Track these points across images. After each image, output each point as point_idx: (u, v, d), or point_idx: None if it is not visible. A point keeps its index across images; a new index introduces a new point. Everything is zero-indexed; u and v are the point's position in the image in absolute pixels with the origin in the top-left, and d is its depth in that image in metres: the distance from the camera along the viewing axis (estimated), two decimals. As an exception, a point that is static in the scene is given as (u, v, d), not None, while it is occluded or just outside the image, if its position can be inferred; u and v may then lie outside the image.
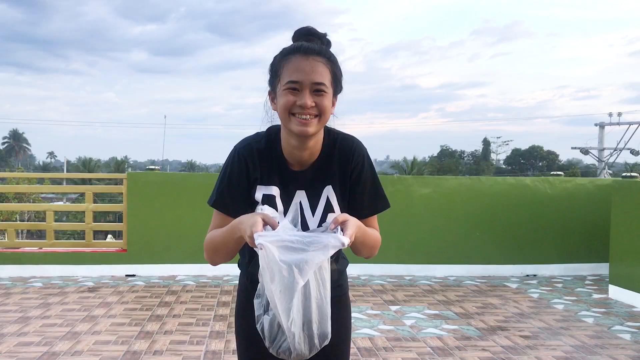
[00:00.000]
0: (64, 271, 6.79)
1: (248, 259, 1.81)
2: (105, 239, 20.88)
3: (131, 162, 75.48)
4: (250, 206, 1.71)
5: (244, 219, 1.55)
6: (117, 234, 23.33)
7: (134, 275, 6.80)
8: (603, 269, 7.19)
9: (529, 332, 4.75)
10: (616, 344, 4.48)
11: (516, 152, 71.74)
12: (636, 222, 5.94)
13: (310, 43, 1.64)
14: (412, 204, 7.28)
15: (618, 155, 29.30)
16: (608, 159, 29.27)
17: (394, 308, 5.49)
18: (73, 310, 5.20)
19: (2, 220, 26.10)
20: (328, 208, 1.72)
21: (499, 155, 75.84)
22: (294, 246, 1.45)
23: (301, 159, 1.70)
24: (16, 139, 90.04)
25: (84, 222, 7.15)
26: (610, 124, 29.56)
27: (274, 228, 1.50)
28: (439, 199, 7.36)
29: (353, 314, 5.13)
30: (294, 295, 1.46)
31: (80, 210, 7.58)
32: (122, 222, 7.14)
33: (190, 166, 77.06)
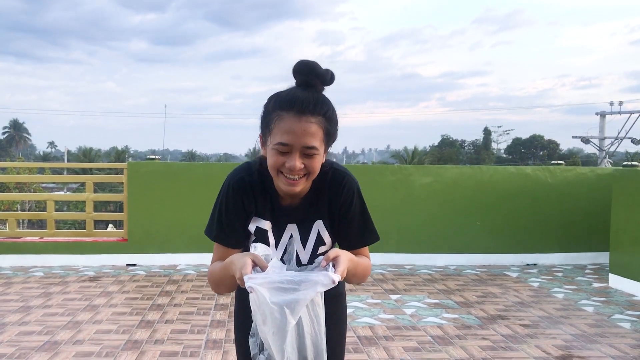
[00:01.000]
0: (65, 261, 6.80)
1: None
2: (106, 229, 20.94)
3: (132, 152, 75.41)
4: (247, 238, 1.74)
5: (235, 259, 1.54)
6: (117, 224, 23.38)
7: (134, 265, 6.81)
8: (603, 258, 7.20)
9: (529, 321, 4.76)
10: (616, 333, 4.49)
11: (517, 142, 71.60)
12: (637, 211, 5.94)
13: (307, 93, 1.56)
14: (413, 194, 7.27)
15: (619, 144, 29.30)
16: (609, 148, 29.24)
17: (394, 297, 5.50)
18: (74, 300, 5.21)
19: (3, 210, 26.13)
20: (319, 241, 1.73)
21: (500, 144, 75.76)
22: (284, 286, 1.45)
23: (292, 198, 1.71)
24: (16, 129, 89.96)
25: (84, 211, 7.15)
26: (611, 112, 29.53)
27: (263, 270, 1.49)
28: (440, 188, 7.36)
29: (354, 303, 5.15)
30: (287, 335, 1.46)
31: (81, 199, 7.59)
32: (122, 211, 7.15)
33: (191, 156, 77.03)
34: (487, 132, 73.49)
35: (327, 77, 1.59)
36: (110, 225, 23.93)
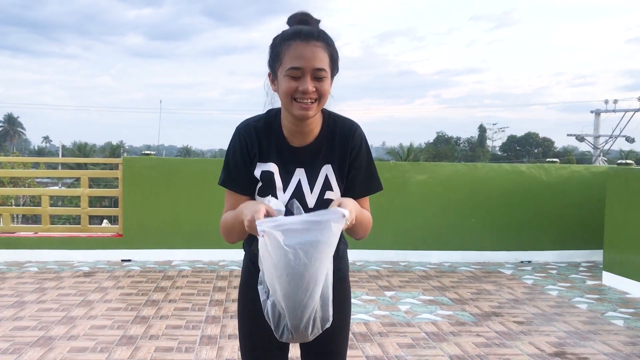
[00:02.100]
0: (59, 256, 6.79)
1: (251, 238, 1.82)
2: (100, 224, 20.89)
3: (127, 147, 75.24)
4: (254, 184, 1.76)
5: (247, 206, 1.61)
6: (112, 219, 23.33)
7: (129, 260, 6.80)
8: (597, 255, 7.23)
9: (523, 318, 4.78)
10: (609, 330, 4.51)
11: (512, 139, 71.73)
12: (630, 209, 5.96)
13: (309, 27, 1.68)
14: (408, 191, 7.28)
15: (613, 143, 29.41)
16: (603, 146, 29.36)
17: (389, 294, 5.52)
18: (69, 295, 5.20)
19: (-3, 205, 26.04)
20: (326, 186, 1.76)
21: (495, 141, 75.90)
22: (296, 227, 1.44)
23: (301, 137, 1.75)
24: (11, 123, 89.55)
25: (79, 206, 7.14)
26: (606, 111, 29.62)
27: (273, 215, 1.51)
28: (435, 185, 7.37)
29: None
30: (301, 279, 1.46)
31: (76, 195, 7.57)
32: (117, 207, 7.13)
33: (186, 151, 76.90)
34: (482, 130, 73.59)
35: (319, 25, 1.72)
36: (105, 221, 23.86)
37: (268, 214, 1.51)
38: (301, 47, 1.62)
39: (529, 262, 7.39)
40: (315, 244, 1.44)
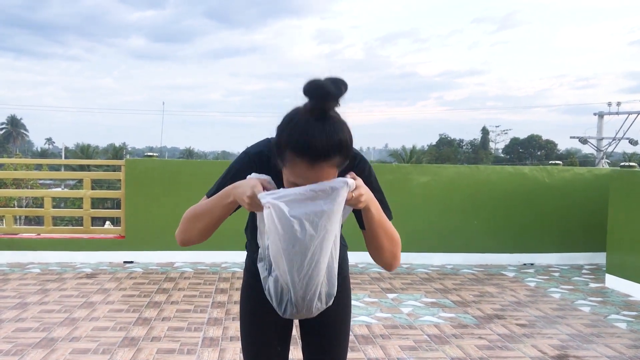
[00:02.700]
0: (62, 257, 6.79)
1: (251, 237, 1.81)
2: (103, 226, 20.91)
3: (129, 149, 75.32)
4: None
5: (241, 183, 1.54)
6: (115, 221, 23.34)
7: (132, 262, 6.81)
8: (600, 258, 7.21)
9: (526, 321, 4.77)
10: (612, 333, 4.50)
11: (515, 141, 71.75)
12: (633, 212, 5.95)
13: (321, 131, 1.43)
14: (411, 193, 7.28)
15: (616, 145, 29.38)
16: (606, 149, 29.30)
17: (391, 296, 5.51)
18: (71, 297, 5.21)
19: (0, 206, 26.10)
20: None
21: (498, 144, 75.97)
22: (301, 198, 1.41)
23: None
24: (14, 125, 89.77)
25: (82, 208, 7.14)
26: (609, 113, 29.55)
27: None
28: (437, 187, 7.36)
29: (350, 302, 5.15)
30: (307, 249, 1.44)
31: (79, 196, 7.59)
32: (120, 208, 7.14)
33: (189, 153, 77.01)
34: (485, 132, 73.66)
35: (342, 93, 1.45)
36: (108, 222, 23.87)
37: (265, 188, 1.49)
38: (306, 170, 1.45)
39: (532, 264, 7.37)
40: (321, 214, 1.42)
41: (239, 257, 5.02)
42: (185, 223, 1.71)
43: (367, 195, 1.53)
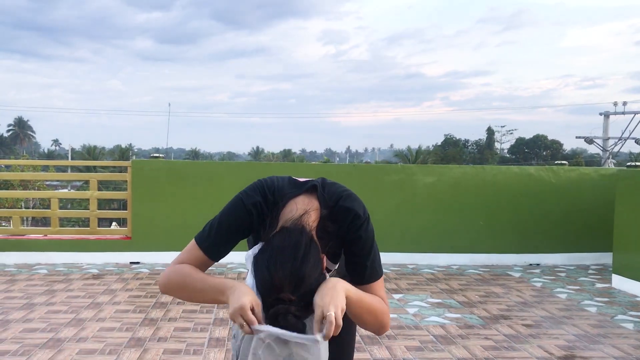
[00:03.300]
0: (68, 258, 6.83)
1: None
2: (109, 227, 20.97)
3: (135, 150, 75.54)
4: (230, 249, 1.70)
5: (238, 292, 1.47)
6: (121, 222, 23.40)
7: (138, 263, 6.83)
8: (606, 258, 7.19)
9: (532, 321, 4.76)
10: (619, 333, 4.49)
11: (520, 141, 71.47)
12: (640, 212, 5.92)
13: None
14: (416, 193, 7.27)
15: (623, 145, 29.26)
16: (612, 149, 29.19)
17: (397, 296, 5.51)
18: (78, 297, 5.23)
19: (7, 207, 26.20)
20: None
21: (503, 144, 75.73)
22: (286, 340, 1.41)
23: None
24: (21, 127, 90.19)
25: (88, 209, 7.17)
26: (615, 113, 29.46)
27: (253, 323, 1.43)
28: (443, 188, 7.36)
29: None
30: None
31: (85, 197, 7.61)
32: (126, 209, 7.17)
33: (194, 154, 77.18)
34: (490, 132, 73.39)
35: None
36: (114, 223, 23.95)
37: (253, 311, 1.43)
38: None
39: (538, 264, 7.35)
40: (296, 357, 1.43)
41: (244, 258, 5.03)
42: (171, 284, 1.65)
43: (341, 308, 1.44)
